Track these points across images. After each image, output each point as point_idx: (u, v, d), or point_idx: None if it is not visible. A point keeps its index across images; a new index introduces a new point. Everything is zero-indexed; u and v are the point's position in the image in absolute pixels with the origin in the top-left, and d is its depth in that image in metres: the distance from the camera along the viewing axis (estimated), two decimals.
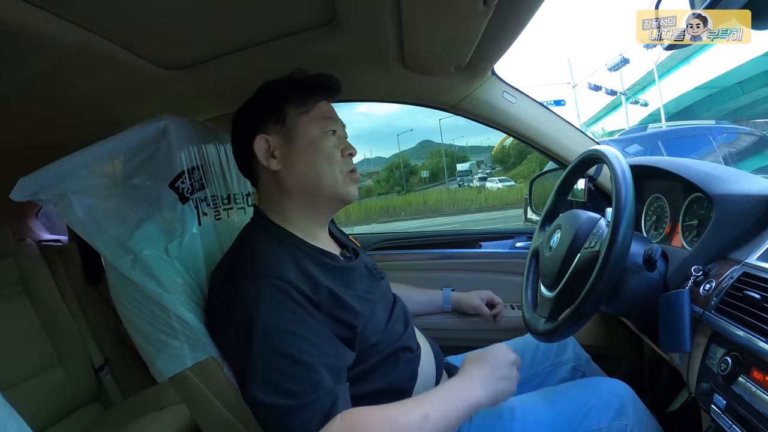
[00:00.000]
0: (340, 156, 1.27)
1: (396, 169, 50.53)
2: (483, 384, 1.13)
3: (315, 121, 1.26)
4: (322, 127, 1.26)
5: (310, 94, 1.28)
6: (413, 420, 1.00)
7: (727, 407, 0.96)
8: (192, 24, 1.22)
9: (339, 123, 1.32)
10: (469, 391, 1.11)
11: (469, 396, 1.10)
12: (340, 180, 1.26)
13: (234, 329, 1.06)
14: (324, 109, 1.30)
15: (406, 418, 1.01)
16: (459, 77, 1.72)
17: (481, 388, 1.12)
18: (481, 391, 1.11)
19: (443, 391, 1.12)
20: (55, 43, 1.10)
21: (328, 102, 1.32)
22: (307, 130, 1.26)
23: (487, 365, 1.17)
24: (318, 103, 1.29)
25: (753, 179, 1.28)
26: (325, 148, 1.25)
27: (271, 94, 1.29)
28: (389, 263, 2.29)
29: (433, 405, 1.05)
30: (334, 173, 1.25)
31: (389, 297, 1.36)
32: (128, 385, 2.39)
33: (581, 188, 1.87)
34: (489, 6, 1.07)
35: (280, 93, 1.28)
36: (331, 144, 1.27)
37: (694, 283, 1.15)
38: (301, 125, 1.26)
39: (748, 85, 26.13)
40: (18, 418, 0.77)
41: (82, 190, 1.20)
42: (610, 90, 28.21)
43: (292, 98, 1.27)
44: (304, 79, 1.30)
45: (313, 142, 1.25)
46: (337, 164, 1.26)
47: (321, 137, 1.26)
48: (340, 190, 1.27)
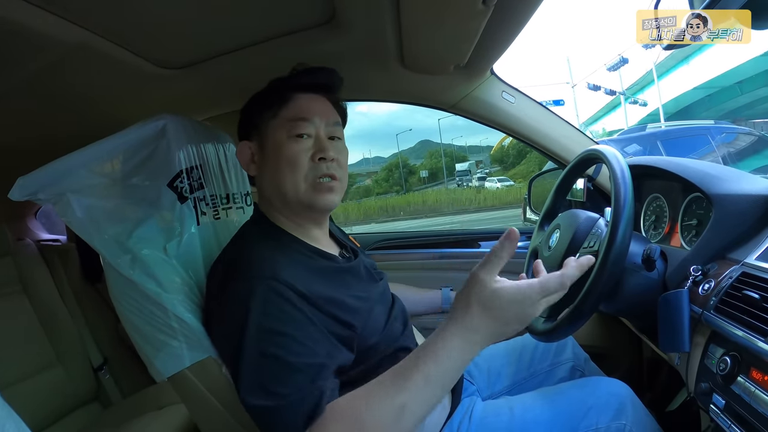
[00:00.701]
0: (308, 160, 1.21)
1: (395, 169, 50.62)
2: (486, 335, 0.92)
3: (282, 124, 1.22)
4: (288, 131, 1.21)
5: (275, 95, 1.25)
6: (387, 416, 0.90)
7: (726, 407, 0.95)
8: (191, 23, 1.21)
9: (319, 123, 1.24)
10: (463, 351, 0.92)
11: (464, 357, 0.93)
12: (302, 188, 1.20)
13: (228, 330, 1.06)
14: (296, 110, 1.23)
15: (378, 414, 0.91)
16: (458, 77, 1.72)
17: (484, 339, 0.93)
18: (482, 345, 0.93)
19: (429, 363, 0.91)
20: (54, 42, 1.10)
21: (315, 99, 1.27)
22: (273, 135, 1.23)
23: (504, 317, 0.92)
24: (285, 104, 1.24)
25: (752, 179, 1.28)
26: (288, 153, 1.20)
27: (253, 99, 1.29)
28: (388, 263, 2.29)
29: (411, 390, 0.91)
30: (295, 180, 1.19)
31: (388, 297, 1.36)
32: (127, 384, 2.39)
33: (580, 188, 1.87)
34: (488, 5, 1.07)
35: (254, 98, 1.28)
36: (297, 149, 1.20)
37: (693, 282, 1.14)
38: (269, 130, 1.24)
39: (747, 85, 26.17)
40: (16, 418, 0.77)
41: (80, 190, 1.21)
42: (609, 90, 28.27)
43: (263, 101, 1.26)
44: (276, 79, 1.28)
45: (276, 148, 1.21)
46: (301, 171, 1.20)
47: (286, 142, 1.21)
48: (303, 197, 1.20)
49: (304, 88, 1.27)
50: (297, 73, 1.29)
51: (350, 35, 1.35)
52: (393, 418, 0.90)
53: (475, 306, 0.92)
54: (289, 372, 0.96)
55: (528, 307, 0.91)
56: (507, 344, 1.63)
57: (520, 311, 0.91)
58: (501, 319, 0.91)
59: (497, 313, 0.91)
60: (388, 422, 0.90)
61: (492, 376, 1.54)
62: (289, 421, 0.93)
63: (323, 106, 1.28)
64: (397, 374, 0.94)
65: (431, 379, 0.91)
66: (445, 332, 0.93)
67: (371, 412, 0.91)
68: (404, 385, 0.91)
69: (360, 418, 0.91)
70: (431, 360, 0.92)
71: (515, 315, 0.91)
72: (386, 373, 0.96)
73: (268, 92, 1.27)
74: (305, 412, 0.92)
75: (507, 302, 0.91)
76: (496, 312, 0.91)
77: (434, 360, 0.91)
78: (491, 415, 1.30)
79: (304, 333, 1.02)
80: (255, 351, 0.99)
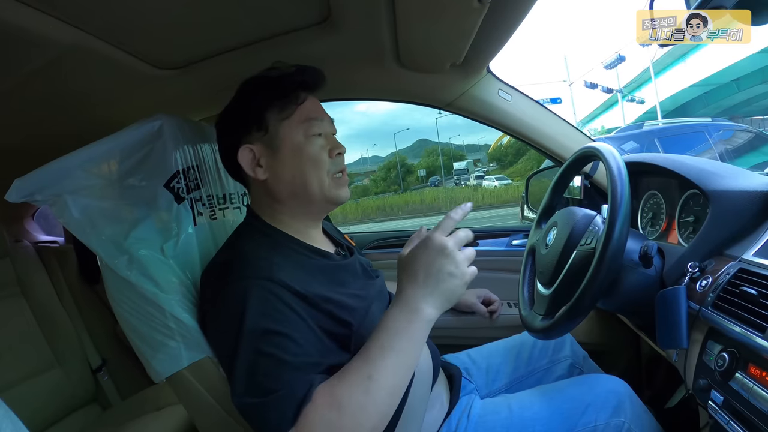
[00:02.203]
0: (328, 157, 1.23)
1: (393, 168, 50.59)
2: (425, 300, 0.98)
3: (298, 125, 1.21)
4: (306, 131, 1.21)
5: (291, 96, 1.23)
6: (357, 390, 0.94)
7: (724, 403, 0.96)
8: (187, 23, 1.21)
9: (325, 121, 1.26)
10: (413, 317, 0.98)
11: (416, 323, 0.98)
12: (327, 183, 1.22)
13: (223, 329, 1.05)
14: (307, 110, 1.24)
15: (348, 391, 0.94)
16: (454, 75, 1.72)
17: (426, 305, 0.98)
18: (429, 310, 0.98)
19: (381, 335, 0.98)
20: (49, 42, 1.09)
21: (313, 99, 1.27)
22: (290, 136, 1.21)
23: (421, 272, 0.99)
24: (300, 104, 1.23)
25: (749, 175, 1.28)
26: (311, 152, 1.21)
27: (249, 101, 1.25)
28: (386, 262, 2.28)
29: (373, 361, 0.96)
30: (321, 177, 1.21)
31: (385, 295, 1.35)
32: (126, 385, 2.39)
33: (577, 185, 1.87)
34: (484, 3, 1.07)
35: (258, 99, 1.24)
36: (317, 147, 1.22)
37: (691, 279, 1.14)
38: (283, 131, 1.21)
39: (745, 82, 26.22)
40: (14, 418, 0.77)
41: (77, 191, 1.20)
42: (606, 88, 28.23)
43: (272, 103, 1.22)
44: (282, 78, 1.25)
45: (297, 148, 1.21)
46: (324, 167, 1.22)
47: (305, 141, 1.21)
48: (329, 193, 1.23)
49: (306, 87, 1.27)
50: (300, 71, 1.26)
51: (346, 34, 1.35)
52: (362, 389, 0.94)
53: (400, 275, 1.04)
54: (285, 370, 0.97)
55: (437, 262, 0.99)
56: (505, 342, 1.63)
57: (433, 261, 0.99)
58: (422, 278, 0.99)
59: (417, 274, 1.00)
60: (358, 393, 0.93)
61: (490, 374, 1.54)
62: (281, 413, 0.94)
63: (320, 105, 1.29)
64: (360, 353, 0.99)
65: (386, 348, 0.97)
66: (389, 307, 1.02)
67: (342, 387, 0.95)
68: (366, 357, 0.97)
69: (336, 398, 0.94)
70: (382, 331, 0.99)
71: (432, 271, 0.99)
72: None
73: (279, 94, 1.24)
74: (296, 403, 0.94)
75: (416, 261, 1.01)
76: (415, 274, 1.00)
77: (385, 331, 0.98)
78: (490, 413, 1.30)
79: (300, 333, 1.02)
80: (251, 350, 0.99)
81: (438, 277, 0.98)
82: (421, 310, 0.98)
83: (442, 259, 0.99)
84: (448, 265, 0.99)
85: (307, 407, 0.93)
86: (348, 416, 0.92)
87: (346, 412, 0.92)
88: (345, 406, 0.93)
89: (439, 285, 0.98)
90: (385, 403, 0.96)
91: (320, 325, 1.07)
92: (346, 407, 0.93)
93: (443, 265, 0.98)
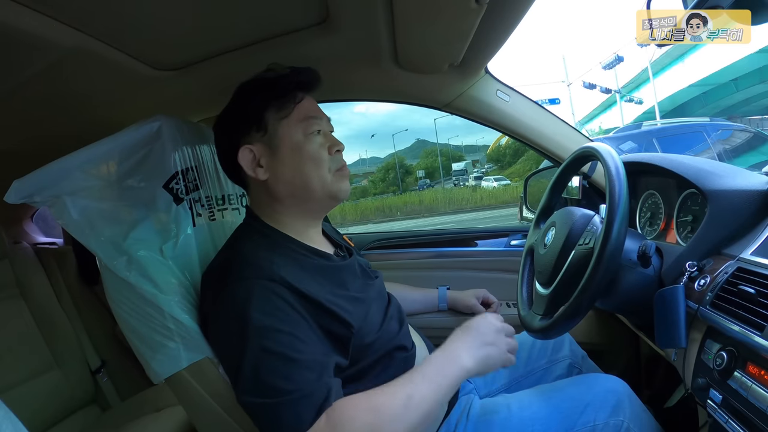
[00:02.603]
0: (327, 154, 1.25)
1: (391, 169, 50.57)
2: (467, 352, 1.11)
3: (296, 123, 1.23)
4: (305, 129, 1.23)
5: (288, 96, 1.24)
6: (397, 403, 0.99)
7: (723, 402, 0.96)
8: (186, 24, 1.21)
9: (323, 119, 1.28)
10: (453, 361, 1.10)
11: (454, 367, 1.09)
12: (329, 180, 1.24)
13: (227, 330, 1.06)
14: (305, 109, 1.25)
15: (389, 402, 1.00)
16: (452, 76, 1.72)
17: (466, 356, 1.11)
18: (467, 360, 1.10)
19: (426, 367, 1.09)
20: (49, 44, 1.09)
21: (310, 98, 1.29)
22: (289, 135, 1.22)
23: (471, 332, 1.16)
24: (298, 103, 1.25)
25: (746, 174, 1.28)
26: (311, 150, 1.22)
27: (248, 102, 1.26)
28: (385, 262, 2.29)
29: (415, 383, 1.04)
30: (322, 174, 1.23)
31: (384, 296, 1.36)
32: (125, 387, 2.39)
33: (576, 186, 1.87)
34: (481, 4, 1.07)
35: (256, 99, 1.25)
36: (317, 144, 1.23)
37: (689, 278, 1.15)
38: (282, 131, 1.22)
39: (743, 82, 26.26)
40: (14, 419, 0.77)
41: (76, 192, 1.20)
42: (604, 88, 28.24)
43: (270, 103, 1.23)
44: (279, 79, 1.26)
45: (297, 147, 1.22)
46: (325, 164, 1.23)
47: (305, 140, 1.22)
48: (331, 188, 1.25)
49: (302, 87, 1.27)
50: (297, 71, 1.28)
51: (344, 35, 1.35)
52: (402, 403, 0.99)
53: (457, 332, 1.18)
54: (295, 368, 0.98)
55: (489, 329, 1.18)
56: None
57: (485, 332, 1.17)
58: (470, 337, 1.15)
59: (467, 333, 1.16)
60: (397, 405, 0.99)
61: (489, 374, 1.54)
62: (297, 415, 0.95)
63: (317, 104, 1.30)
64: (404, 375, 1.07)
65: (428, 378, 1.06)
66: (439, 349, 1.15)
67: (383, 396, 1.01)
68: (409, 380, 1.05)
69: (375, 404, 1.00)
70: (427, 365, 1.10)
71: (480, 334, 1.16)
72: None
73: (277, 94, 1.25)
74: (315, 406, 0.95)
75: (472, 325, 1.19)
76: (466, 332, 1.17)
77: (429, 365, 1.10)
78: (489, 412, 1.30)
79: (303, 332, 1.03)
80: (257, 349, 0.99)
81: (483, 341, 1.15)
82: (461, 358, 1.10)
83: (490, 331, 1.17)
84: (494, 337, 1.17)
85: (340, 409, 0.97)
86: (385, 422, 0.97)
87: (384, 417, 0.98)
88: (383, 412, 0.99)
89: (482, 347, 1.14)
90: (417, 424, 1.00)
91: (321, 325, 1.07)
92: (383, 412, 0.99)
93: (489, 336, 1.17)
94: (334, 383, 1.01)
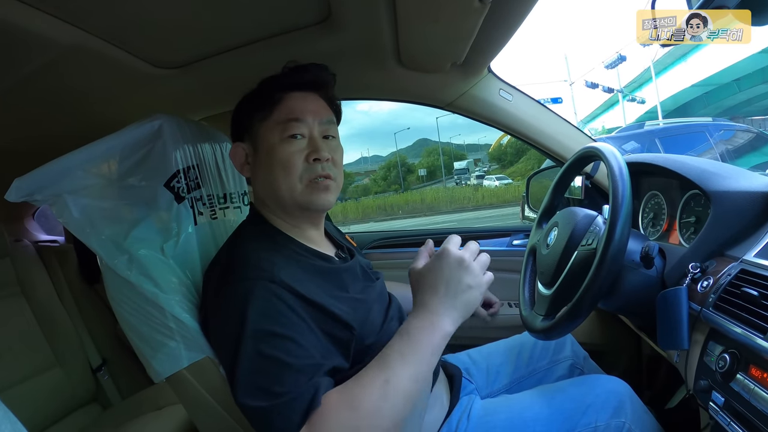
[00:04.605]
0: (302, 162, 1.20)
1: (393, 168, 50.60)
2: (445, 312, 1.04)
3: (274, 126, 1.21)
4: (281, 132, 1.20)
5: (265, 96, 1.24)
6: (375, 394, 0.95)
7: (725, 404, 0.95)
8: (187, 23, 1.21)
9: (309, 123, 1.22)
10: (432, 329, 1.02)
11: (433, 335, 1.02)
12: (298, 189, 1.19)
13: (225, 330, 1.05)
14: (287, 110, 1.22)
15: (366, 394, 0.96)
16: (455, 75, 1.72)
17: (446, 319, 1.03)
18: (447, 323, 1.03)
19: (402, 343, 1.02)
20: (49, 42, 1.09)
21: (303, 98, 1.25)
22: (266, 137, 1.21)
23: (443, 282, 1.05)
24: (277, 104, 1.22)
25: (750, 176, 1.28)
26: (281, 155, 1.19)
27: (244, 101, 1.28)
28: (386, 261, 2.29)
29: (392, 367, 0.98)
30: (290, 182, 1.19)
31: (384, 297, 1.36)
32: (126, 385, 2.39)
33: (578, 186, 1.87)
34: (484, 3, 1.07)
35: (249, 98, 1.26)
36: (291, 150, 1.19)
37: (692, 280, 1.14)
38: (261, 132, 1.22)
39: (745, 83, 26.22)
40: (13, 419, 0.77)
41: (77, 190, 1.20)
42: (607, 88, 28.23)
43: (255, 103, 1.24)
44: (267, 78, 1.26)
45: (270, 150, 1.20)
46: (295, 172, 1.19)
47: (278, 144, 1.19)
48: (300, 199, 1.20)
49: (296, 86, 1.25)
50: (287, 71, 1.26)
51: (346, 34, 1.35)
52: (379, 393, 0.95)
53: (417, 287, 1.09)
54: (288, 373, 0.96)
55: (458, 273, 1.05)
56: (506, 342, 1.63)
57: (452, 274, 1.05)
58: (443, 288, 1.05)
59: (439, 284, 1.05)
60: (375, 397, 0.95)
61: (491, 374, 1.54)
62: (286, 418, 0.93)
63: (316, 105, 1.26)
64: (377, 358, 1.02)
65: (406, 355, 1.00)
66: (409, 317, 1.06)
67: (358, 389, 0.97)
68: (384, 363, 1.00)
69: (351, 399, 0.96)
70: (402, 339, 1.02)
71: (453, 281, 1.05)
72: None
73: (259, 93, 1.26)
74: (302, 408, 0.94)
75: (430, 270, 1.08)
76: (437, 283, 1.05)
77: (405, 339, 1.02)
78: (490, 413, 1.30)
79: (301, 335, 1.02)
80: (253, 352, 0.99)
81: (458, 289, 1.05)
82: (441, 322, 1.03)
83: (461, 272, 1.05)
84: (467, 277, 1.06)
85: (318, 410, 0.94)
86: (363, 417, 0.94)
87: (362, 413, 0.94)
88: (360, 407, 0.95)
89: (458, 296, 1.05)
90: (401, 409, 0.97)
91: (321, 328, 1.07)
92: (361, 408, 0.95)
93: (462, 278, 1.05)
94: (323, 382, 0.98)
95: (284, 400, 0.94)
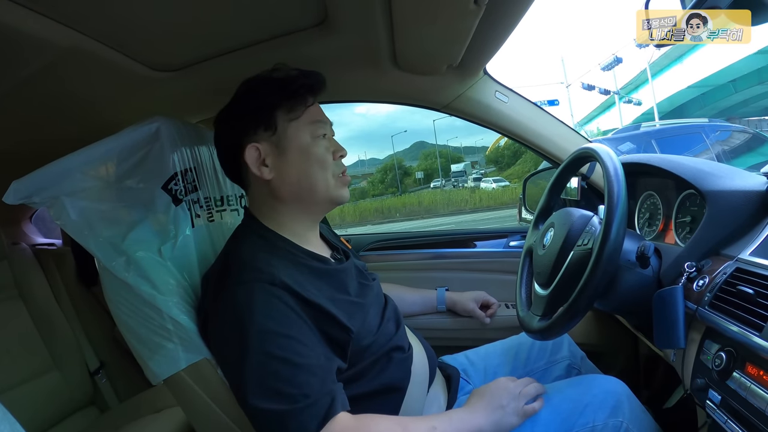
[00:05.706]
0: (332, 159, 1.26)
1: (390, 171, 50.54)
2: (483, 413, 1.16)
3: (305, 126, 1.24)
4: (312, 132, 1.24)
5: (299, 98, 1.25)
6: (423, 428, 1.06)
7: (722, 402, 0.96)
8: (184, 26, 1.21)
9: (328, 124, 1.29)
10: (471, 419, 1.15)
11: (471, 422, 1.14)
12: (332, 184, 1.25)
13: (227, 334, 1.06)
14: (313, 113, 1.27)
15: (416, 425, 1.07)
16: (451, 77, 1.72)
17: (482, 416, 1.16)
18: (482, 419, 1.15)
19: (448, 415, 1.21)
20: (46, 45, 1.09)
21: (316, 102, 1.29)
22: (298, 136, 1.23)
23: (486, 396, 1.21)
24: (309, 106, 1.26)
25: (745, 175, 1.29)
26: (317, 153, 1.24)
27: (258, 100, 1.24)
28: (383, 263, 2.29)
29: (440, 421, 1.11)
30: (326, 178, 1.24)
31: (381, 298, 1.36)
32: (124, 388, 2.39)
33: (574, 187, 1.87)
34: (480, 5, 1.07)
35: (267, 98, 1.24)
36: (323, 148, 1.25)
37: (688, 279, 1.15)
38: (291, 132, 1.23)
39: (741, 84, 26.28)
40: (13, 421, 0.77)
41: (75, 193, 1.20)
42: (603, 89, 28.21)
43: (281, 103, 1.23)
44: (290, 80, 1.25)
45: (305, 149, 1.23)
46: (329, 168, 1.25)
47: (312, 143, 1.23)
48: (334, 193, 1.26)
49: (313, 90, 1.28)
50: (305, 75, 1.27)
51: (343, 36, 1.35)
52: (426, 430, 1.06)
53: (476, 396, 1.24)
54: (299, 374, 0.98)
55: (503, 393, 1.21)
56: (503, 343, 1.63)
57: (499, 396, 1.20)
58: (486, 399, 1.20)
59: (485, 397, 1.21)
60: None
61: (488, 375, 1.54)
62: (303, 424, 0.95)
63: (321, 108, 1.31)
64: (410, 418, 1.16)
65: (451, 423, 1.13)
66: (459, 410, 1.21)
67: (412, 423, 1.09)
68: (412, 424, 1.09)
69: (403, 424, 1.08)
70: (443, 419, 1.15)
71: (494, 398, 1.20)
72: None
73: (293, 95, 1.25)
74: (320, 416, 0.96)
75: (490, 389, 1.24)
76: (485, 396, 1.21)
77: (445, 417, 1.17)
78: None
79: (305, 336, 1.03)
80: (260, 353, 0.99)
81: (499, 404, 1.19)
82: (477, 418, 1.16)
83: (508, 396, 1.20)
84: (509, 400, 1.20)
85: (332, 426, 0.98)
86: None
87: None
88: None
89: (496, 411, 1.18)
90: None
91: (320, 329, 1.08)
92: None
93: (505, 400, 1.20)
94: (338, 390, 1.02)
95: (301, 405, 0.96)
